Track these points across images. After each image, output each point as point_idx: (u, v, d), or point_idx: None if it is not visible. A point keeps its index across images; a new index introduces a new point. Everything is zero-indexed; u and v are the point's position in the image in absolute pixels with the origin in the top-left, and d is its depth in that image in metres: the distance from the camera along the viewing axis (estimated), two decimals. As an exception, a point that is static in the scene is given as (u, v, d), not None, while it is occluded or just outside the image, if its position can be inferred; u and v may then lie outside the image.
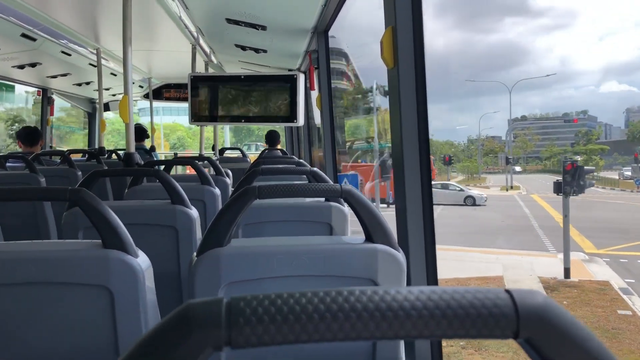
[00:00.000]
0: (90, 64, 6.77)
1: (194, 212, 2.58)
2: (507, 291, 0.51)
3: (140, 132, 8.05)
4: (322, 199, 2.53)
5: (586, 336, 0.51)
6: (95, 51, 6.23)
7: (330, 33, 4.73)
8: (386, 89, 2.15)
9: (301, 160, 4.47)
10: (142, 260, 1.58)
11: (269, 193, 1.63)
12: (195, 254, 1.61)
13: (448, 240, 17.94)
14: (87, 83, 8.09)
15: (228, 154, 9.24)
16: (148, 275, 1.60)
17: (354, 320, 0.48)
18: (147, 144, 8.26)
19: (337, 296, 0.49)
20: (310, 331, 0.47)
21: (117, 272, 1.53)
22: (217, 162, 5.43)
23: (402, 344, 1.64)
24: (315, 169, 2.88)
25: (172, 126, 47.10)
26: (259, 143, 32.89)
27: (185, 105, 5.63)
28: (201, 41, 5.86)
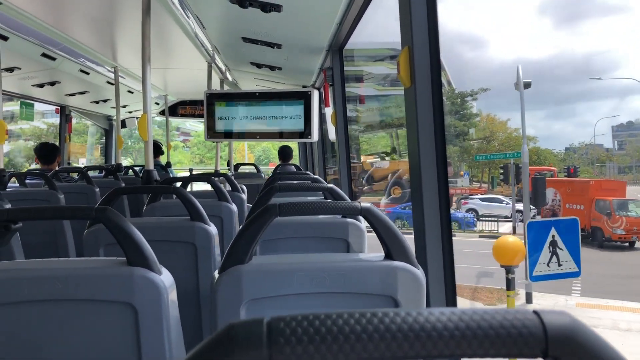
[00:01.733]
0: (108, 82, 6.88)
1: (212, 228, 2.61)
2: (535, 312, 0.53)
3: (156, 149, 8.15)
4: (340, 216, 2.55)
5: (614, 356, 0.52)
6: (112, 69, 6.33)
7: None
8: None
9: (317, 177, 4.50)
10: (165, 278, 1.61)
11: (290, 211, 1.65)
12: (217, 271, 1.63)
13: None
14: (105, 100, 8.21)
15: (243, 169, 9.30)
16: (171, 292, 1.62)
17: (388, 341, 0.50)
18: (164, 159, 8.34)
19: (372, 317, 0.51)
20: (347, 351, 0.49)
21: (141, 289, 1.56)
22: (233, 177, 5.48)
23: None
24: (332, 185, 2.91)
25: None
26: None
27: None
28: (217, 59, 5.94)
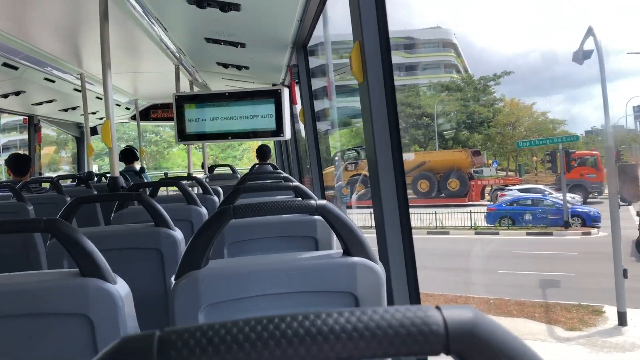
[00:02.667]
0: (75, 89, 6.78)
1: (178, 233, 2.59)
2: (438, 307, 0.53)
3: (130, 154, 8.07)
4: (307, 214, 2.54)
5: (518, 348, 0.52)
6: (79, 76, 6.25)
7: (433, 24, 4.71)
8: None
9: (288, 176, 4.48)
10: (120, 287, 1.59)
11: (245, 212, 1.64)
12: (173, 277, 1.61)
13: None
14: (73, 108, 8.09)
15: (219, 170, 9.25)
16: (127, 301, 1.60)
17: (284, 347, 0.49)
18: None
19: (268, 324, 0.50)
20: None
21: (95, 300, 1.54)
22: (207, 180, 5.44)
23: None
24: (298, 184, 2.90)
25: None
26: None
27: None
28: (183, 61, 5.90)
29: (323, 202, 1.67)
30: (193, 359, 0.48)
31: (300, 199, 2.41)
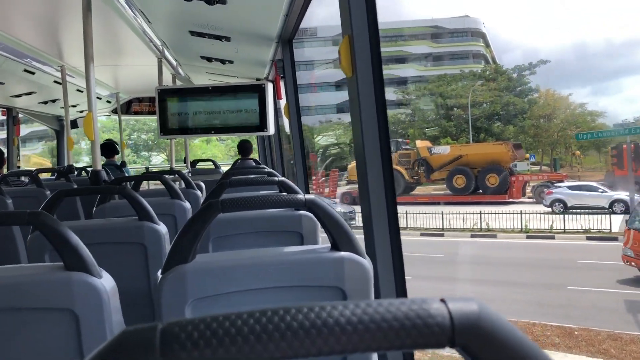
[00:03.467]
0: (55, 82, 6.68)
1: (162, 227, 2.56)
2: (443, 300, 0.53)
3: (111, 148, 7.97)
4: (292, 209, 2.53)
5: (522, 342, 0.52)
6: (59, 68, 6.16)
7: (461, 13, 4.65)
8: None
9: (272, 171, 4.47)
10: (106, 281, 1.57)
11: (233, 206, 1.62)
12: (160, 272, 1.60)
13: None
14: (53, 101, 7.98)
15: (201, 165, 9.19)
16: (113, 295, 1.58)
17: (289, 339, 0.48)
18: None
19: (272, 315, 0.49)
20: (246, 352, 0.47)
21: (80, 294, 1.51)
22: (189, 174, 5.39)
23: (375, 355, 1.65)
24: (284, 179, 2.88)
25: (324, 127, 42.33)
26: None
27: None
28: (167, 54, 5.84)
29: (311, 196, 1.67)
30: (197, 351, 0.47)
31: (285, 194, 2.40)
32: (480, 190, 26.47)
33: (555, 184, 24.78)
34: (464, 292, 13.64)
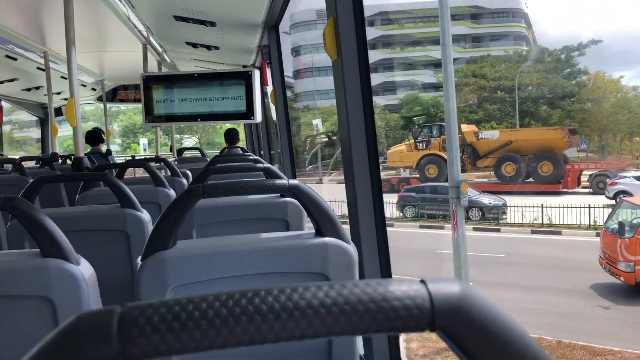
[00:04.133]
0: (39, 68, 6.58)
1: (145, 215, 2.52)
2: (423, 281, 0.50)
3: (96, 136, 7.87)
4: (278, 196, 2.50)
5: (504, 324, 0.49)
6: (42, 54, 6.05)
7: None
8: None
9: (258, 158, 4.42)
10: (84, 268, 1.53)
11: (214, 191, 1.59)
12: (139, 258, 1.56)
13: None
14: (37, 88, 7.86)
15: (188, 153, 9.11)
16: (91, 283, 1.54)
17: (258, 323, 0.45)
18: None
19: (240, 298, 0.46)
20: (212, 337, 0.44)
21: (57, 282, 1.48)
22: (175, 163, 5.34)
23: (360, 339, 1.63)
24: (269, 165, 2.85)
25: (331, 109, 40.67)
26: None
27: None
28: (152, 40, 5.76)
29: (295, 181, 1.64)
30: (157, 336, 0.43)
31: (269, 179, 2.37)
32: (532, 179, 24.45)
33: (619, 174, 22.61)
34: (550, 305, 11.73)
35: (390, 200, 20.70)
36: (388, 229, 2.10)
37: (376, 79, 40.37)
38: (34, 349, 0.44)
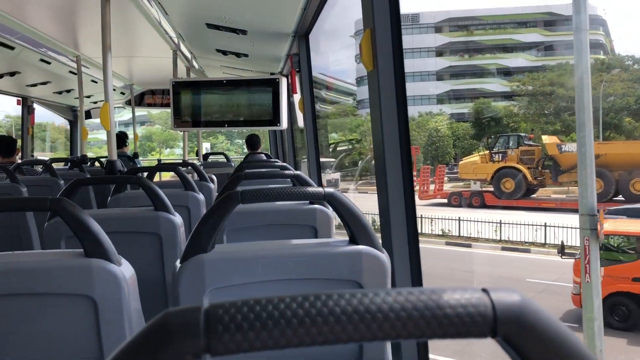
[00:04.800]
0: (71, 72, 6.72)
1: (177, 218, 2.57)
2: (485, 290, 0.52)
3: (121, 139, 8.00)
4: (307, 203, 2.53)
5: (563, 334, 0.51)
6: (75, 59, 6.18)
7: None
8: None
9: (285, 164, 4.47)
10: (125, 269, 1.57)
11: (252, 197, 1.63)
12: (178, 261, 1.60)
13: None
14: (68, 91, 8.02)
15: (213, 158, 9.20)
16: (132, 283, 1.59)
17: (332, 324, 0.48)
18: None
19: (315, 300, 0.49)
20: (289, 336, 0.47)
21: (100, 281, 1.52)
22: (201, 167, 5.40)
23: (388, 344, 1.65)
24: (298, 172, 2.89)
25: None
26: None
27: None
28: (182, 47, 5.85)
29: (330, 189, 1.67)
30: (240, 333, 0.47)
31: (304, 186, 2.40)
32: (622, 197, 21.64)
33: None
34: None
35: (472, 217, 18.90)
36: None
37: (442, 86, 39.62)
38: (126, 343, 0.48)
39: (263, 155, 7.52)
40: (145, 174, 4.17)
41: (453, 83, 40.84)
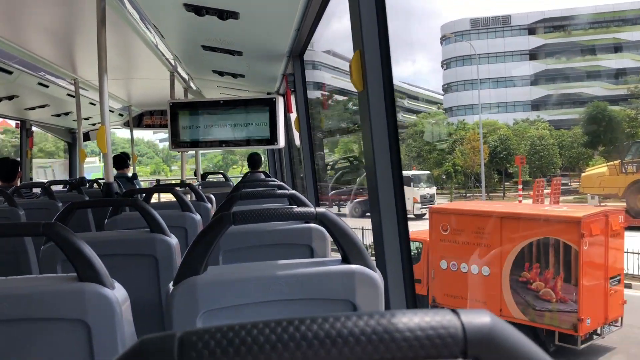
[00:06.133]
0: (69, 95, 6.76)
1: (173, 240, 2.57)
2: (455, 311, 0.53)
3: (122, 161, 8.03)
4: (303, 222, 2.54)
5: (533, 354, 0.52)
6: (72, 82, 6.23)
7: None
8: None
9: (282, 184, 4.48)
10: (118, 292, 1.58)
11: (244, 219, 1.63)
12: (171, 283, 1.60)
13: None
14: (66, 113, 8.06)
15: (212, 178, 9.22)
16: (125, 307, 1.59)
17: (304, 349, 0.49)
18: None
19: (288, 326, 0.50)
20: None
21: (93, 305, 1.53)
22: (199, 187, 5.42)
23: None
24: (294, 192, 2.90)
25: (490, 123, 34.68)
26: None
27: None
28: (179, 68, 5.90)
29: (322, 209, 1.68)
30: (213, 359, 0.48)
31: (296, 207, 2.41)
32: None
33: None
34: None
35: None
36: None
37: (537, 92, 37.78)
38: None
39: (262, 174, 7.54)
40: (144, 195, 4.19)
41: (549, 88, 38.22)
